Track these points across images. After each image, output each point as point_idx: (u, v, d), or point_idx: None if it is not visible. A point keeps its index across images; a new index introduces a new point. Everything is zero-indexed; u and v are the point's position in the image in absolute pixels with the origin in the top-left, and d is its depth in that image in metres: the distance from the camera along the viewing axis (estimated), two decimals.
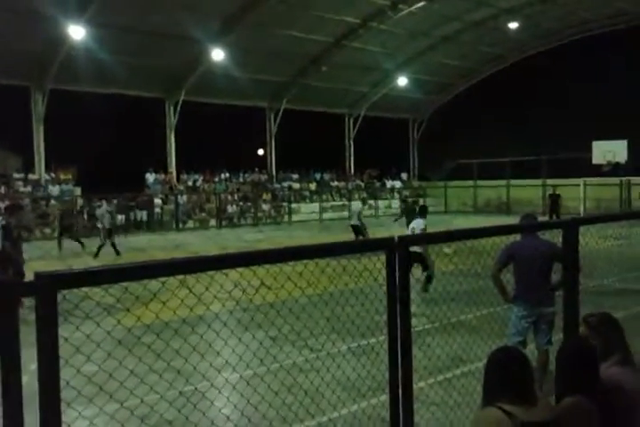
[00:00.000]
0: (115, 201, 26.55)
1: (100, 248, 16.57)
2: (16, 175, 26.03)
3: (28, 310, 2.12)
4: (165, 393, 4.54)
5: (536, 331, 5.59)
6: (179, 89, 28.90)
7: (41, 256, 15.61)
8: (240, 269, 2.50)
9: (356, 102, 36.47)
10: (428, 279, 10.31)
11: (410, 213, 18.55)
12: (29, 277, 1.88)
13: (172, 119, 29.73)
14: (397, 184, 38.25)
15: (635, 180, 27.35)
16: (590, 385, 2.80)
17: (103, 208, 18.11)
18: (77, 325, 3.22)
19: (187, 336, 5.04)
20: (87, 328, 4.05)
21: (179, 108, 29.40)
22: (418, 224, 10.77)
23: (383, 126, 37.30)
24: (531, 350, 5.30)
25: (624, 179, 28.13)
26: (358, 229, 16.74)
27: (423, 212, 11.37)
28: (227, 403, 4.42)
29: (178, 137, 30.09)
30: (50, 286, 1.84)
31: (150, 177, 29.22)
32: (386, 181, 38.14)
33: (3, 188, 24.70)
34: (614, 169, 26.96)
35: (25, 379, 1.75)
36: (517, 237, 5.80)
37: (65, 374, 1.93)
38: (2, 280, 4.74)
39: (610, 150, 26.51)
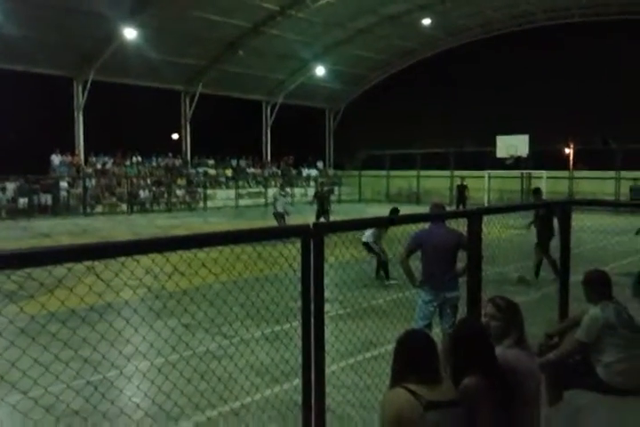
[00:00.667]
0: (17, 183, 25.17)
1: None
2: None
3: None
4: (72, 383, 4.39)
5: (441, 315, 5.82)
6: (88, 68, 27.58)
7: None
8: (152, 255, 2.46)
9: (274, 90, 36.30)
10: (383, 267, 10.30)
11: (321, 199, 18.82)
12: None
13: (80, 99, 28.37)
14: (313, 172, 38.53)
15: (535, 173, 28.98)
16: (486, 365, 2.96)
17: None
18: None
19: (95, 324, 4.88)
20: None
21: (88, 88, 28.08)
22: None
23: (300, 115, 37.38)
24: (436, 333, 5.54)
25: (525, 172, 29.76)
26: (281, 217, 17.08)
27: (393, 213, 10.15)
28: (137, 391, 4.34)
29: (87, 118, 28.77)
30: None
31: (56, 159, 27.77)
32: (302, 169, 38.34)
33: None
34: (516, 162, 28.45)
35: None
36: (426, 225, 6.02)
37: None
38: None
39: (512, 144, 27.94)
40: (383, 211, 14.73)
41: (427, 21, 31.02)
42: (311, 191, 35.93)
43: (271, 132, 37.55)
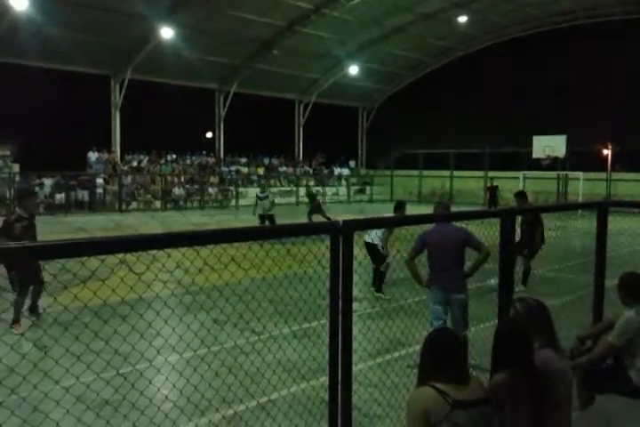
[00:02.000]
0: (54, 179, 25.77)
1: None
2: None
3: None
4: (102, 373, 4.47)
5: (452, 316, 5.68)
6: (125, 67, 28.07)
7: None
8: (183, 250, 2.48)
9: (307, 88, 36.35)
10: (379, 275, 9.24)
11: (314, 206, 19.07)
12: None
13: (117, 97, 28.89)
14: (345, 171, 38.48)
15: (572, 174, 28.41)
16: (523, 363, 2.92)
17: None
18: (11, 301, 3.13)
19: (126, 316, 4.96)
20: None
21: (125, 87, 28.59)
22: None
23: (333, 113, 37.36)
24: None
25: (562, 173, 29.20)
26: (263, 220, 16.87)
27: (398, 207, 9.19)
28: (165, 383, 4.40)
29: (123, 116, 29.30)
30: None
31: (93, 156, 28.34)
32: (334, 168, 38.31)
33: None
34: (553, 163, 27.93)
35: None
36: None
37: None
38: None
39: (549, 145, 27.41)
40: (414, 212, 14.51)
41: (462, 19, 30.67)
42: (343, 191, 36.00)
43: (304, 130, 37.63)
